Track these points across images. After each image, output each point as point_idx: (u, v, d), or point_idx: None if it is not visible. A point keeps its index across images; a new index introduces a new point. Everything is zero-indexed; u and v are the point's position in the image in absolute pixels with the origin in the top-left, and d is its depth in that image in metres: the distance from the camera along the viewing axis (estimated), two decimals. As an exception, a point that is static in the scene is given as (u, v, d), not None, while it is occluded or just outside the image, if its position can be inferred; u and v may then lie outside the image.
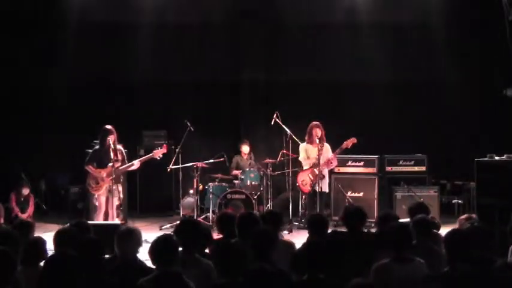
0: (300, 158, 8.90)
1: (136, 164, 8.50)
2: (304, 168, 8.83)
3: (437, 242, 5.10)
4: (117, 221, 7.99)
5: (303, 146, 8.80)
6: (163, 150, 8.67)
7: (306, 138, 8.69)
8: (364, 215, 5.35)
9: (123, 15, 11.38)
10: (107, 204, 8.22)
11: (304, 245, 4.43)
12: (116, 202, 8.13)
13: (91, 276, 4.13)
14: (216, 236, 5.65)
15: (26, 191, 10.11)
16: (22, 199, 10.10)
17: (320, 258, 4.06)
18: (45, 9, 11.22)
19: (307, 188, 8.67)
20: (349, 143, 8.60)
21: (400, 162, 10.31)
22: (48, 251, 4.72)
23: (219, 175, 10.33)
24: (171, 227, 9.07)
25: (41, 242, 4.72)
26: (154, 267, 4.26)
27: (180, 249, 4.38)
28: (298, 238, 8.61)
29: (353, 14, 11.35)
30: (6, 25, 10.95)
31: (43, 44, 11.33)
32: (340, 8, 11.40)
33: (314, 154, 8.54)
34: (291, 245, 5.41)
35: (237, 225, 5.08)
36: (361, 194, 9.93)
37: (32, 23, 11.19)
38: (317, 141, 8.37)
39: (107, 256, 4.73)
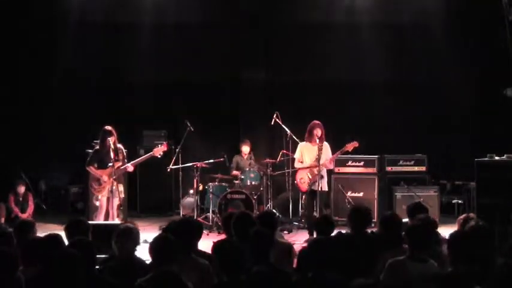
0: (295, 156, 8.91)
1: (130, 167, 8.43)
2: (296, 166, 8.81)
3: (438, 242, 5.10)
4: (117, 221, 7.98)
5: (300, 146, 8.79)
6: (164, 148, 8.61)
7: (306, 136, 8.66)
8: (370, 217, 5.35)
9: (123, 15, 11.39)
10: (107, 204, 8.20)
11: (309, 244, 4.43)
12: (116, 202, 8.11)
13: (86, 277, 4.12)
14: (217, 236, 5.67)
15: (22, 189, 10.12)
16: (21, 199, 10.12)
17: (325, 256, 4.08)
18: (45, 9, 11.22)
19: (304, 187, 8.64)
20: (350, 146, 8.57)
21: (400, 162, 10.30)
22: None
23: (219, 175, 10.31)
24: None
25: (42, 241, 4.69)
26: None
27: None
28: (298, 238, 8.64)
29: (353, 14, 11.35)
30: (6, 25, 10.94)
31: (43, 44, 11.33)
32: (340, 8, 11.41)
33: (312, 154, 8.51)
34: (289, 246, 5.42)
35: (234, 225, 5.09)
36: (361, 194, 9.94)
37: (32, 22, 11.18)
38: (317, 140, 8.35)
39: (102, 256, 4.73)
